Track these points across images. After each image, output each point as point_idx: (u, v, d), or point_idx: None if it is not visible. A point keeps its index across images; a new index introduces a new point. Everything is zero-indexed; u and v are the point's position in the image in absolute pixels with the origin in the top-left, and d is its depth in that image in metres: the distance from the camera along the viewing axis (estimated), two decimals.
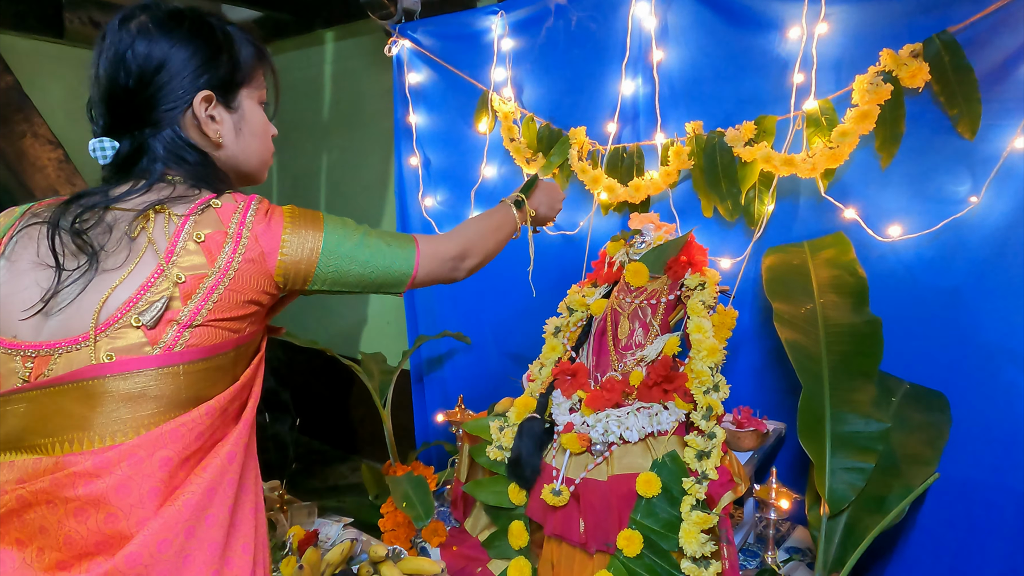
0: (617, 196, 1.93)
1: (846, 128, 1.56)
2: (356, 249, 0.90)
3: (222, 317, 0.81)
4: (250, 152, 0.95)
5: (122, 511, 0.74)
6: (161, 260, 0.79)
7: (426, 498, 1.59)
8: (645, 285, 1.65)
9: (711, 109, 1.82)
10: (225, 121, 0.90)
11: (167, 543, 0.74)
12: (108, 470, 0.74)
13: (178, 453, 0.77)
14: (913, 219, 1.61)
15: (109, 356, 0.76)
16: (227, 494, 0.81)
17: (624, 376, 1.60)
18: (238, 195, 0.87)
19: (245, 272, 0.82)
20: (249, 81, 0.93)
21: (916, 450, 1.44)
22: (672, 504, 1.41)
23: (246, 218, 0.84)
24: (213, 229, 0.82)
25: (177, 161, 0.87)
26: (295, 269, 0.86)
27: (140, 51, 0.83)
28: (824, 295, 1.59)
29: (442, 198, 2.42)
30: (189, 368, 0.79)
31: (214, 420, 0.81)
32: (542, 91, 2.12)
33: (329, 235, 0.89)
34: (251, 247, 0.83)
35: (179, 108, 0.86)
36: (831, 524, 1.38)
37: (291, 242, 0.85)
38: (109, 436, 0.75)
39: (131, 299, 0.78)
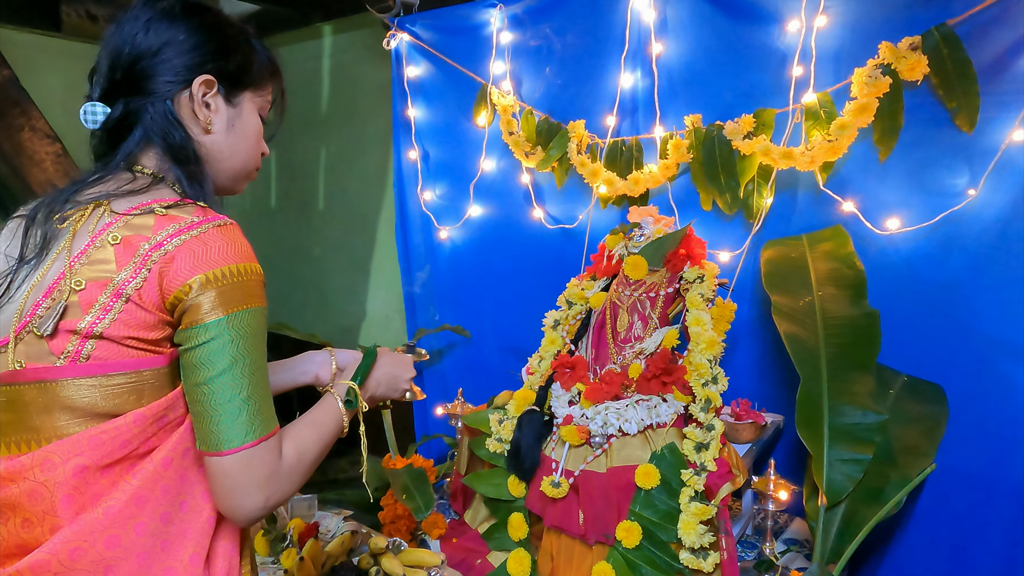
0: (616, 189, 1.93)
1: (845, 121, 1.56)
2: (229, 371, 0.75)
3: (130, 335, 0.74)
4: (235, 152, 0.91)
5: (36, 517, 0.72)
6: (70, 260, 0.74)
7: (426, 490, 1.60)
8: (644, 278, 1.66)
9: (710, 102, 1.82)
10: (220, 112, 0.88)
11: (80, 551, 0.70)
12: (21, 475, 0.72)
13: (96, 461, 0.73)
14: (911, 212, 1.62)
15: (19, 363, 0.73)
16: (160, 502, 0.75)
17: (623, 369, 1.60)
18: (205, 210, 0.79)
19: (151, 285, 0.74)
20: (256, 88, 0.92)
21: (913, 442, 1.45)
22: (671, 495, 1.42)
23: (184, 233, 0.75)
24: (134, 233, 0.75)
25: (162, 137, 0.83)
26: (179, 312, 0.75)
27: (158, 25, 0.83)
28: (822, 288, 1.59)
29: (441, 192, 2.42)
30: (105, 382, 0.73)
31: (144, 428, 0.75)
32: (541, 84, 2.11)
33: (223, 329, 0.74)
34: (164, 261, 0.74)
35: (177, 84, 0.84)
36: (829, 515, 1.39)
37: (193, 289, 0.74)
38: (24, 443, 0.73)
39: (37, 303, 0.74)
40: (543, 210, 2.18)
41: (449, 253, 2.43)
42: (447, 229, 2.41)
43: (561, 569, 1.52)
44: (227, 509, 0.77)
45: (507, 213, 2.27)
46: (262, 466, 0.76)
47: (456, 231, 2.39)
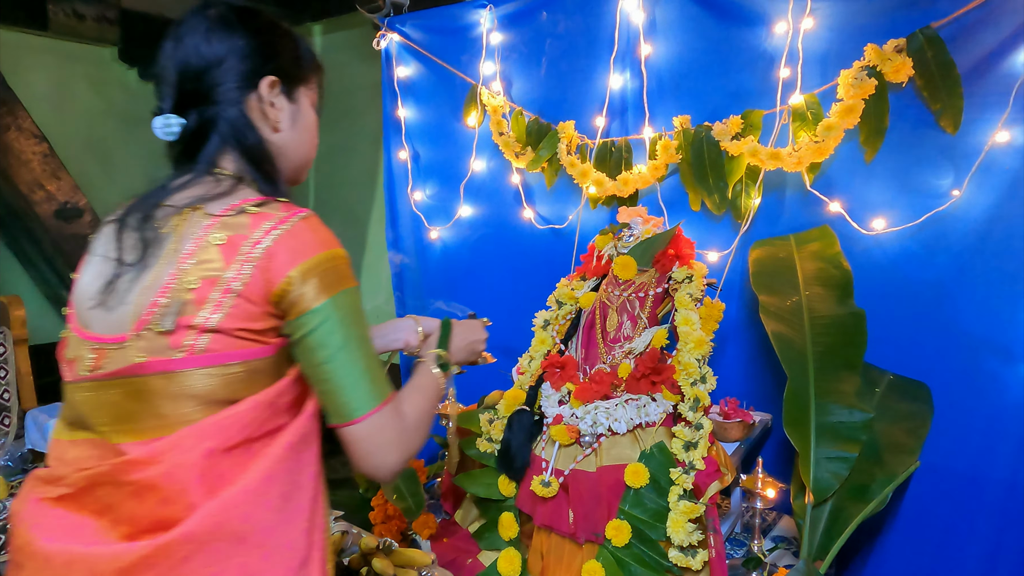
0: (606, 190, 1.94)
1: (831, 122, 1.58)
2: (341, 343, 0.83)
3: (240, 327, 0.80)
4: (300, 145, 0.97)
5: (172, 496, 0.78)
6: (179, 261, 0.80)
7: (417, 491, 1.60)
8: (633, 278, 1.67)
9: (698, 103, 1.84)
10: (284, 109, 0.93)
11: (222, 524, 0.78)
12: (158, 459, 0.78)
13: (221, 444, 0.80)
14: (897, 212, 1.64)
15: (141, 357, 0.79)
16: (283, 482, 0.83)
17: (612, 368, 1.61)
18: (288, 205, 0.85)
19: (256, 281, 0.80)
20: (307, 81, 0.97)
21: (899, 439, 1.46)
22: (660, 494, 1.43)
23: (276, 228, 0.81)
24: (235, 232, 0.81)
25: (238, 141, 0.89)
26: (287, 304, 0.82)
27: (218, 34, 0.88)
28: (809, 287, 1.61)
29: (431, 192, 2.42)
30: (221, 371, 0.80)
31: (260, 413, 0.82)
32: (531, 85, 2.12)
33: (330, 311, 0.82)
34: (266, 257, 0.80)
35: (245, 89, 0.89)
36: (816, 512, 1.40)
37: (295, 281, 0.80)
38: (154, 429, 0.80)
39: (153, 303, 0.80)
40: (533, 210, 2.18)
41: (439, 253, 2.44)
42: (437, 229, 2.41)
43: (551, 568, 1.52)
44: (371, 469, 0.87)
45: (497, 213, 2.28)
46: (392, 425, 0.86)
47: (446, 231, 2.39)
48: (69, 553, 0.78)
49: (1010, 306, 1.51)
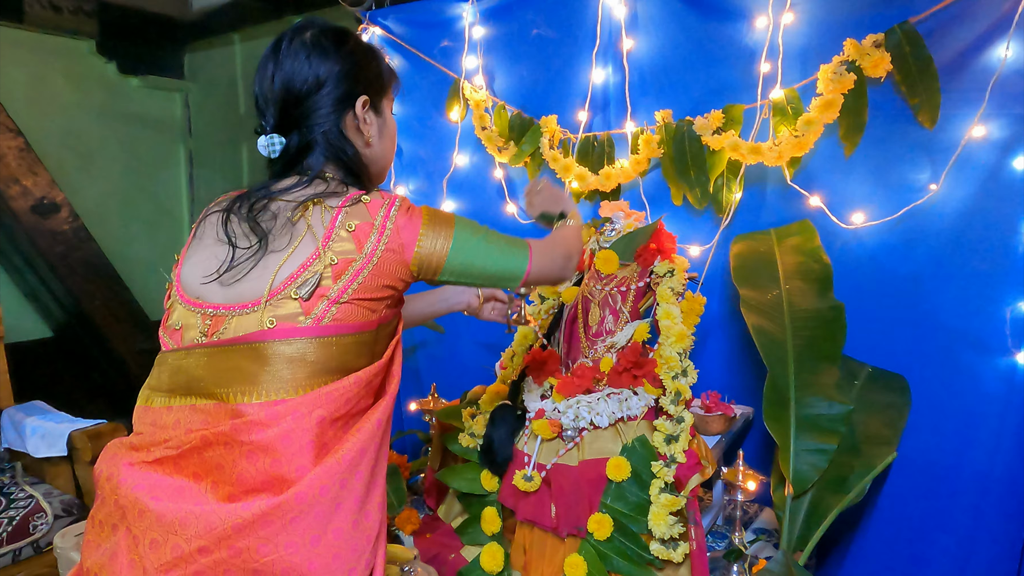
0: (588, 184, 1.94)
1: (811, 117, 1.59)
2: (480, 247, 1.01)
3: (364, 297, 0.92)
4: (386, 152, 1.09)
5: (285, 457, 0.85)
6: (319, 244, 0.91)
7: (398, 486, 1.60)
8: (615, 272, 1.67)
9: (680, 98, 1.84)
10: (374, 124, 1.04)
11: (327, 489, 0.86)
12: (276, 421, 0.86)
13: (330, 413, 0.89)
14: (875, 206, 1.65)
15: (271, 322, 0.89)
16: (372, 455, 0.92)
17: (595, 362, 1.61)
18: (384, 193, 0.98)
19: (386, 260, 0.93)
20: (388, 91, 1.09)
21: (877, 431, 1.48)
22: (642, 488, 1.43)
23: (391, 213, 0.94)
24: (362, 220, 0.93)
25: (336, 156, 1.00)
26: (428, 261, 0.97)
27: (315, 60, 0.98)
28: (790, 281, 1.62)
29: (414, 187, 2.41)
30: (338, 340, 0.91)
31: (360, 390, 0.92)
32: (513, 79, 2.11)
33: (459, 234, 0.99)
34: (393, 238, 0.94)
35: (343, 110, 1.00)
36: (795, 504, 1.41)
37: (427, 237, 0.96)
38: (274, 391, 0.88)
39: (292, 275, 0.90)
40: (516, 205, 2.18)
41: None
42: None
43: (534, 562, 1.53)
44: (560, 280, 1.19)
45: (481, 208, 2.27)
46: (546, 250, 1.11)
47: None
48: (182, 511, 0.84)
49: (986, 299, 1.53)
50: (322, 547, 0.85)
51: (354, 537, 0.89)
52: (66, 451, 1.94)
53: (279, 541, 0.83)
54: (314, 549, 0.85)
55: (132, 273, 3.44)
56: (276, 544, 0.83)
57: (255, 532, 0.82)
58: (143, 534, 0.84)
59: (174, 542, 0.83)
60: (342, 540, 0.87)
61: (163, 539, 0.83)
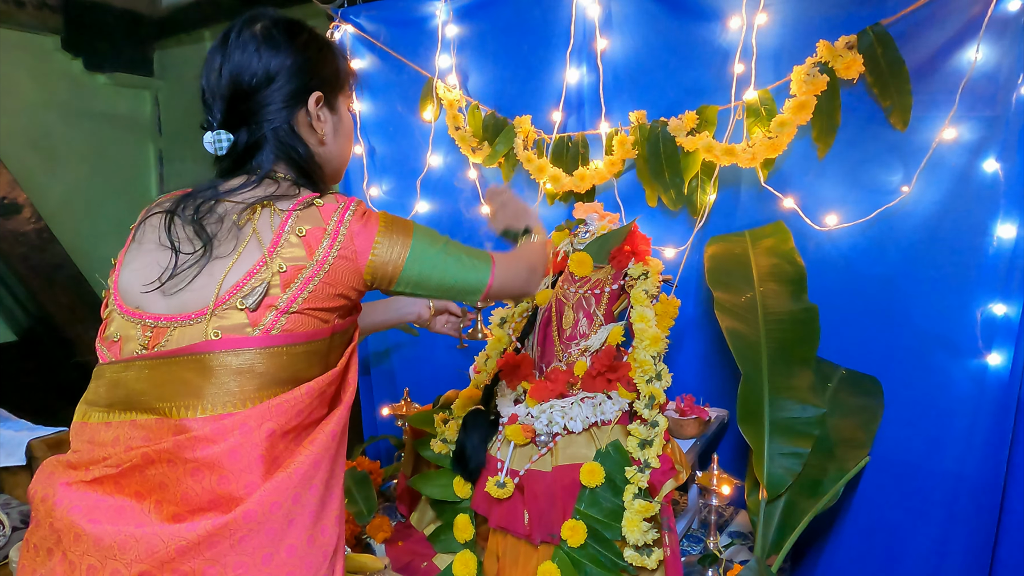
0: (562, 186, 1.92)
1: (784, 118, 1.58)
2: (438, 258, 0.97)
3: (315, 307, 0.87)
4: (342, 152, 1.04)
5: (232, 474, 0.81)
6: (265, 251, 0.86)
7: (368, 494, 1.56)
8: (589, 275, 1.65)
9: (655, 98, 1.82)
10: (328, 121, 0.99)
11: (278, 505, 0.81)
12: (223, 437, 0.81)
13: (281, 426, 0.85)
14: (848, 208, 1.65)
15: (216, 333, 0.84)
16: (327, 468, 0.89)
17: (569, 366, 1.59)
18: (340, 196, 0.93)
19: (339, 267, 0.89)
20: (344, 88, 1.03)
21: (850, 434, 1.47)
22: (615, 493, 1.41)
23: (344, 217, 0.90)
24: (314, 225, 0.88)
25: (287, 155, 0.95)
26: (383, 270, 0.93)
27: (266, 53, 0.92)
28: (764, 283, 1.61)
29: (388, 188, 2.37)
30: (288, 350, 0.86)
31: (312, 400, 0.88)
32: (487, 79, 2.09)
33: (417, 243, 0.95)
34: (346, 245, 0.89)
35: (295, 106, 0.95)
36: (769, 508, 1.40)
37: (382, 244, 0.92)
38: (220, 405, 0.83)
39: (238, 283, 0.85)
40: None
41: None
42: None
43: (507, 570, 1.50)
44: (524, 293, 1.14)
45: (455, 209, 2.24)
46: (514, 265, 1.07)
47: None
48: (122, 534, 0.79)
49: (958, 301, 1.53)
50: (275, 566, 0.81)
51: (309, 554, 0.85)
52: (25, 460, 1.88)
53: (227, 562, 0.79)
54: (266, 568, 0.80)
55: (100, 275, 3.36)
56: (224, 565, 0.78)
57: (201, 554, 0.78)
58: (80, 559, 0.79)
59: (113, 567, 0.77)
60: (296, 558, 0.83)
61: (101, 564, 0.78)
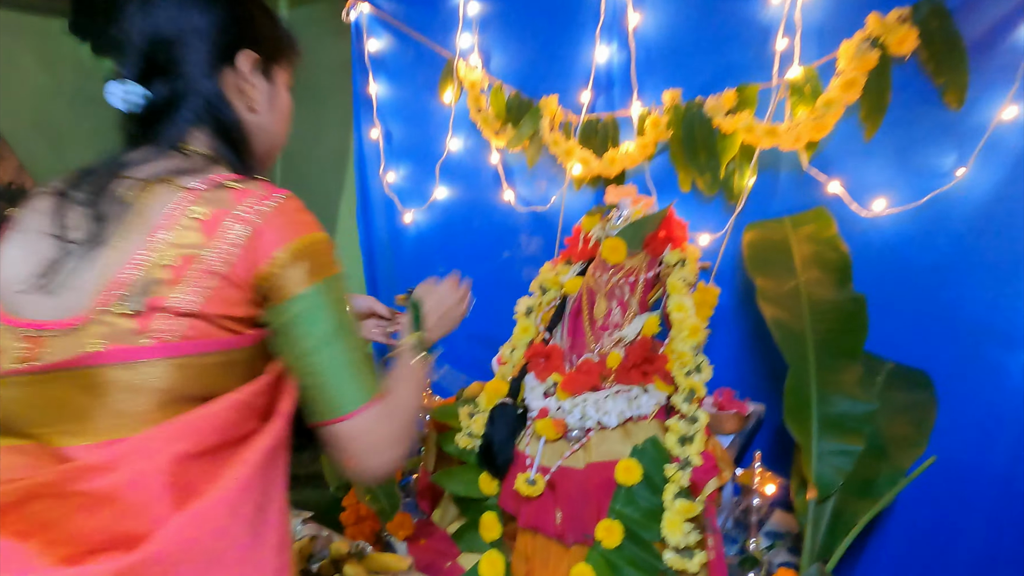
0: (591, 170, 1.84)
1: (831, 97, 1.49)
2: (330, 330, 0.76)
3: (220, 313, 0.72)
4: (274, 129, 0.91)
5: (134, 508, 0.68)
6: (149, 234, 0.71)
7: (391, 491, 1.49)
8: (623, 262, 1.57)
9: (689, 77, 1.74)
10: (262, 89, 0.87)
11: (195, 541, 0.68)
12: (118, 464, 0.68)
13: (194, 447, 0.70)
14: (896, 193, 1.56)
15: (100, 343, 0.70)
16: (257, 493, 0.74)
17: (601, 358, 1.52)
18: (269, 184, 0.77)
19: (241, 261, 0.72)
20: (284, 62, 0.91)
21: (903, 432, 1.39)
22: (654, 492, 1.34)
23: (263, 204, 0.74)
24: (218, 208, 0.73)
25: (211, 118, 0.81)
26: (270, 288, 0.74)
27: (194, 3, 0.80)
28: (806, 271, 1.53)
29: (405, 173, 2.30)
30: (196, 361, 0.71)
31: (239, 414, 0.74)
32: (511, 58, 2.01)
33: (324, 289, 0.75)
34: (254, 237, 0.72)
35: (223, 62, 0.82)
36: (818, 509, 1.33)
37: (282, 262, 0.73)
38: (114, 428, 0.70)
39: (118, 281, 0.70)
40: (514, 191, 2.07)
41: (414, 237, 2.32)
42: (412, 212, 2.28)
43: (537, 571, 1.43)
44: (363, 470, 0.80)
45: (475, 195, 2.16)
46: (388, 421, 0.80)
47: (421, 214, 2.27)
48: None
49: (1013, 291, 1.45)
50: None
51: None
52: None
53: None
54: None
55: None
56: None
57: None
58: None
59: None
60: None
61: None
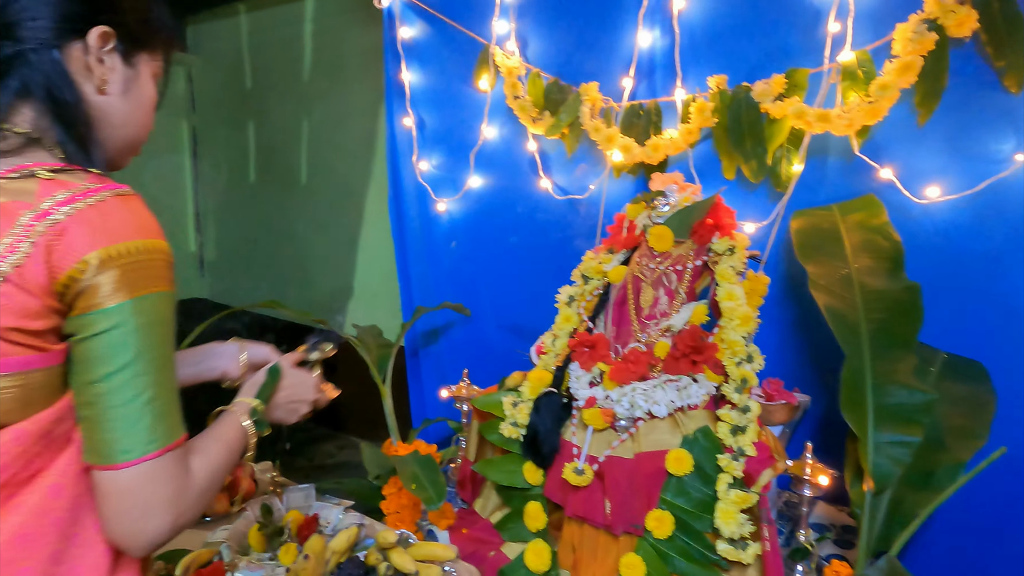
0: (633, 157, 1.81)
1: (886, 81, 1.46)
2: (128, 360, 0.63)
3: (11, 326, 0.61)
4: (130, 119, 0.78)
5: None
6: None
7: (437, 478, 1.48)
8: (670, 250, 1.54)
9: (735, 62, 1.70)
10: (117, 71, 0.75)
11: None
12: None
13: None
14: (950, 179, 1.52)
15: None
16: (50, 539, 0.63)
17: (648, 347, 1.49)
18: (100, 178, 0.68)
19: (35, 262, 0.61)
20: (151, 50, 0.80)
21: (961, 423, 1.36)
22: (705, 482, 1.32)
23: (77, 200, 0.63)
24: (13, 199, 0.62)
25: (46, 91, 0.69)
26: (73, 296, 0.63)
27: None
28: (858, 259, 1.49)
29: (438, 161, 2.27)
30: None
31: (27, 447, 0.63)
32: (549, 44, 1.97)
33: (127, 315, 0.63)
34: (53, 233, 0.61)
35: (69, 33, 0.70)
36: (875, 501, 1.30)
37: (90, 267, 0.62)
38: None
39: None
40: (550, 180, 2.05)
41: (447, 227, 2.30)
42: (445, 201, 2.27)
43: (584, 561, 1.42)
44: (122, 534, 0.65)
45: (510, 183, 2.14)
46: (168, 481, 0.66)
47: (455, 203, 2.25)
48: None
49: None
50: None
51: None
52: None
53: None
54: None
55: None
56: None
57: None
58: None
59: None
60: None
61: None
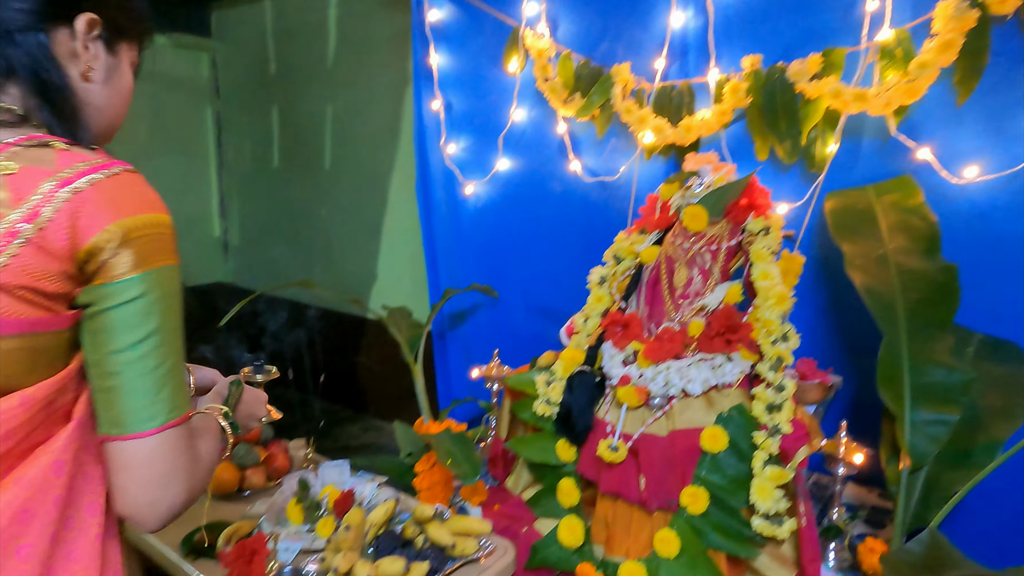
0: (665, 138, 1.81)
1: (926, 59, 1.45)
2: (148, 331, 0.65)
3: (26, 285, 0.61)
4: (109, 106, 0.79)
5: None
6: None
7: (471, 455, 1.50)
8: (704, 230, 1.55)
9: (769, 42, 1.69)
10: (101, 59, 0.77)
11: None
12: None
13: None
14: (989, 159, 1.51)
15: None
16: (50, 518, 0.62)
17: (682, 326, 1.50)
18: (107, 155, 0.69)
19: (59, 228, 0.61)
20: (130, 39, 0.82)
21: (998, 403, 1.36)
22: (740, 459, 1.33)
23: (97, 172, 0.64)
24: (34, 165, 0.63)
25: (32, 72, 0.70)
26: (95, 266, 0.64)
27: None
28: (893, 239, 1.49)
29: (466, 144, 2.28)
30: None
31: (32, 415, 0.63)
32: (580, 25, 1.97)
33: (150, 286, 0.65)
34: (79, 200, 0.62)
35: (55, 17, 0.71)
36: (911, 479, 1.31)
37: (114, 237, 0.63)
38: None
39: None
40: (580, 162, 2.05)
41: (474, 210, 2.31)
42: (473, 184, 2.28)
43: (618, 537, 1.43)
44: (141, 505, 0.66)
45: (540, 166, 2.14)
46: (186, 449, 0.68)
47: (483, 186, 2.26)
48: None
49: None
50: None
51: None
52: None
53: None
54: None
55: None
56: None
57: None
58: None
59: None
60: None
61: None
